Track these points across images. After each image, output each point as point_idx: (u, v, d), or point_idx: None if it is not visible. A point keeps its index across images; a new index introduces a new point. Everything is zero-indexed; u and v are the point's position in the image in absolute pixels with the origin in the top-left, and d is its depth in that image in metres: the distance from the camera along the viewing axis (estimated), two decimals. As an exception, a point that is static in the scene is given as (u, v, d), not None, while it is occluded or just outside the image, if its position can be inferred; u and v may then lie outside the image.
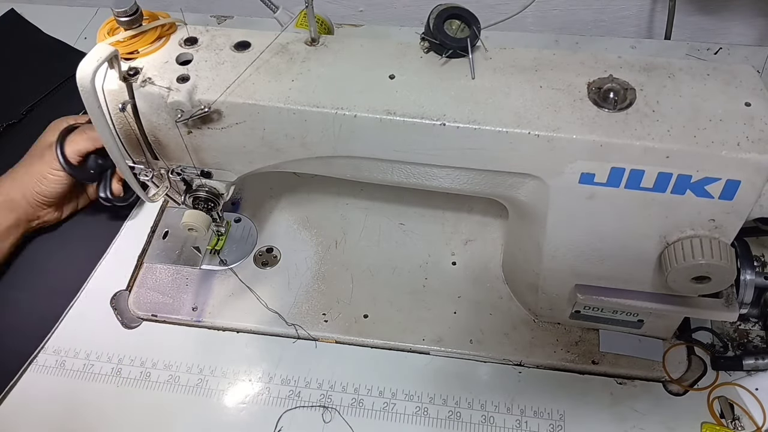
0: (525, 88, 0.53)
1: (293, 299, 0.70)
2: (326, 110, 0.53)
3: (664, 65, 0.53)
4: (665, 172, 0.49)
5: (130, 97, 0.55)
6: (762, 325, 0.66)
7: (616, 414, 0.62)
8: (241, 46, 0.57)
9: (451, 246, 0.74)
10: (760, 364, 0.63)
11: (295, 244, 0.75)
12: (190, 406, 0.64)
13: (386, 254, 0.74)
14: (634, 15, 0.98)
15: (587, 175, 0.51)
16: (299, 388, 0.64)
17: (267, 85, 0.54)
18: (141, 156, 0.60)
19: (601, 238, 0.56)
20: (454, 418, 0.62)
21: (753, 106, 0.49)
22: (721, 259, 0.50)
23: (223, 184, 0.63)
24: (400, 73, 0.55)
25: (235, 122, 0.55)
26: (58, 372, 0.66)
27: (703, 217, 0.51)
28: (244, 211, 0.78)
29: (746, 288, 0.58)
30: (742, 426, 0.61)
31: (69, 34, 1.01)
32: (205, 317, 0.69)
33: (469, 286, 0.71)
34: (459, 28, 0.54)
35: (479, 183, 0.56)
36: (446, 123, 0.51)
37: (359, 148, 0.55)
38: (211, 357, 0.67)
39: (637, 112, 0.50)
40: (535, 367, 0.65)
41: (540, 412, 0.62)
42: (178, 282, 0.72)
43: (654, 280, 0.57)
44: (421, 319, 0.68)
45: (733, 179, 0.48)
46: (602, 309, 0.63)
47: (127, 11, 0.54)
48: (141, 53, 0.56)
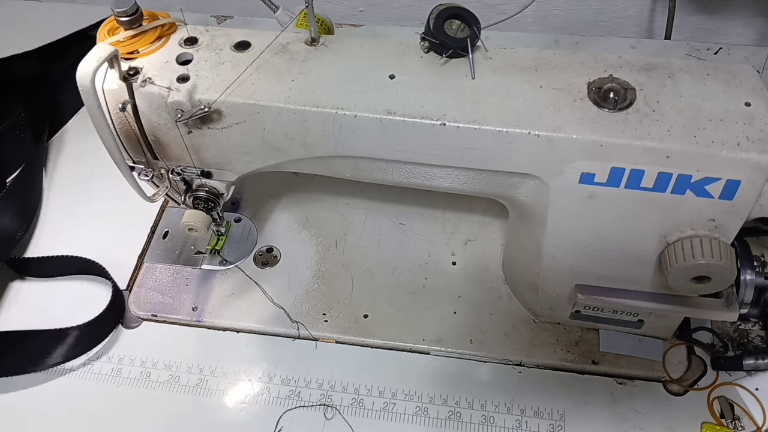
0: (525, 88, 0.53)
1: (293, 299, 0.70)
2: (326, 110, 0.53)
3: (664, 65, 0.53)
4: (665, 172, 0.49)
5: (130, 97, 0.55)
6: (762, 325, 0.66)
7: (616, 414, 0.62)
8: (241, 46, 0.57)
9: (451, 246, 0.74)
10: (760, 364, 0.63)
11: (295, 244, 0.75)
12: (190, 406, 0.64)
13: (386, 254, 0.74)
14: (634, 15, 0.98)
15: (587, 175, 0.51)
16: (299, 388, 0.64)
17: (267, 85, 0.54)
18: (141, 156, 0.60)
19: (601, 238, 0.56)
20: (454, 418, 0.62)
21: (753, 106, 0.49)
22: (721, 259, 0.50)
23: (223, 184, 0.63)
24: (400, 73, 0.55)
25: (235, 122, 0.55)
26: (58, 372, 0.66)
27: (703, 217, 0.51)
28: (244, 211, 0.78)
29: (746, 288, 0.58)
30: (742, 426, 0.61)
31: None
32: (205, 317, 0.69)
33: (469, 286, 0.71)
34: (459, 28, 0.54)
35: (479, 183, 0.56)
36: (446, 123, 0.51)
37: (359, 148, 0.55)
38: (211, 357, 0.67)
39: (637, 112, 0.50)
40: (535, 367, 0.65)
41: (540, 412, 0.62)
42: (178, 282, 0.72)
43: (654, 280, 0.57)
44: (421, 319, 0.68)
45: (733, 179, 0.48)
46: (602, 309, 0.63)
47: (127, 11, 0.54)
48: (141, 53, 0.56)
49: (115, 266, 0.73)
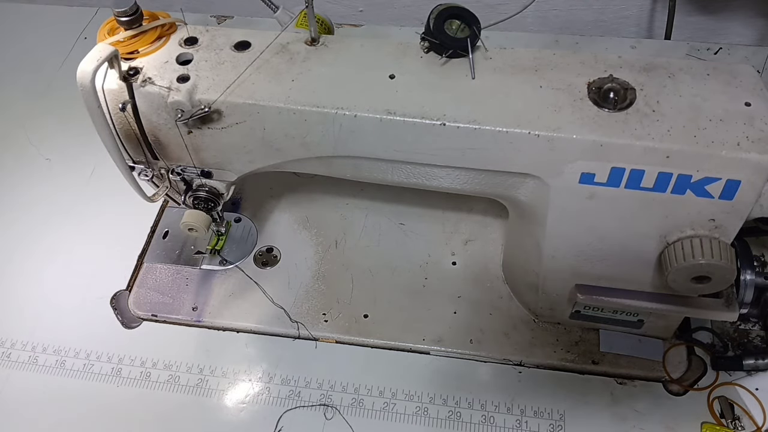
0: (525, 88, 0.53)
1: (293, 299, 0.70)
2: (326, 110, 0.53)
3: (664, 65, 0.53)
4: (665, 171, 0.49)
5: (130, 97, 0.55)
6: (762, 325, 0.66)
7: (616, 414, 0.62)
8: (241, 46, 0.57)
9: (451, 246, 0.74)
10: (760, 364, 0.63)
11: (295, 244, 0.75)
12: (190, 406, 0.64)
13: (386, 254, 0.74)
14: (634, 15, 0.98)
15: (587, 175, 0.51)
16: (299, 388, 0.64)
17: (267, 85, 0.54)
18: (141, 156, 0.60)
19: (601, 238, 0.56)
20: (454, 418, 0.62)
21: (753, 106, 0.49)
22: (721, 259, 0.50)
23: (223, 183, 0.63)
24: (400, 73, 0.55)
25: (235, 122, 0.55)
26: (59, 372, 0.66)
27: (703, 217, 0.51)
28: (244, 211, 0.78)
29: (746, 288, 0.58)
30: (742, 426, 0.61)
31: (69, 34, 1.01)
32: (205, 317, 0.69)
33: (469, 286, 0.71)
34: (459, 28, 0.54)
35: (479, 183, 0.56)
36: (446, 123, 0.51)
37: (359, 147, 0.55)
38: (211, 357, 0.67)
39: (638, 112, 0.50)
40: (535, 367, 0.65)
41: (540, 412, 0.62)
42: (178, 282, 0.72)
43: (654, 280, 0.57)
44: (421, 319, 0.68)
45: (733, 179, 0.48)
46: (602, 309, 0.63)
47: (127, 11, 0.54)
48: (141, 53, 0.56)
49: (115, 266, 0.73)
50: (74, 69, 0.50)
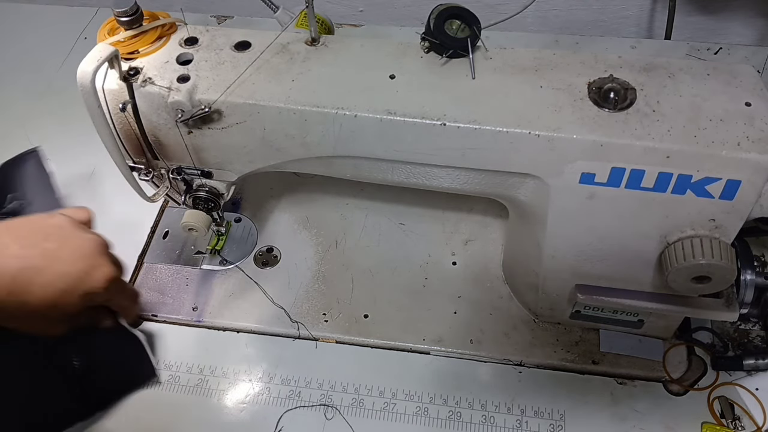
0: (525, 88, 0.53)
1: (293, 299, 0.70)
2: (326, 110, 0.53)
3: (664, 65, 0.53)
4: (665, 171, 0.49)
5: (131, 97, 0.55)
6: (762, 325, 0.66)
7: (616, 414, 0.62)
8: (241, 46, 0.57)
9: (451, 246, 0.74)
10: (761, 364, 0.63)
11: (295, 244, 0.75)
12: (190, 406, 0.63)
13: (386, 254, 0.74)
14: (634, 15, 0.98)
15: (587, 175, 0.51)
16: (299, 388, 0.64)
17: (267, 85, 0.54)
18: (141, 156, 0.60)
19: (601, 238, 0.56)
20: (455, 418, 0.62)
21: (753, 106, 0.50)
22: (722, 259, 0.50)
23: (223, 184, 0.63)
24: (400, 73, 0.55)
25: (235, 122, 0.55)
26: (58, 372, 0.66)
27: (704, 217, 0.51)
28: (244, 211, 0.78)
29: (746, 288, 0.58)
30: (743, 426, 0.61)
31: (69, 34, 1.01)
32: (206, 317, 0.69)
33: (469, 286, 0.71)
34: (459, 28, 0.54)
35: (479, 183, 0.56)
36: (446, 123, 0.51)
37: (359, 148, 0.55)
38: (211, 357, 0.67)
39: (638, 112, 0.50)
40: (535, 367, 0.65)
41: (540, 412, 0.62)
42: (178, 282, 0.72)
43: (654, 280, 0.57)
44: (421, 319, 0.68)
45: (734, 179, 0.48)
46: (602, 309, 0.63)
47: (127, 11, 0.54)
48: (141, 53, 0.56)
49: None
50: (74, 69, 0.50)
